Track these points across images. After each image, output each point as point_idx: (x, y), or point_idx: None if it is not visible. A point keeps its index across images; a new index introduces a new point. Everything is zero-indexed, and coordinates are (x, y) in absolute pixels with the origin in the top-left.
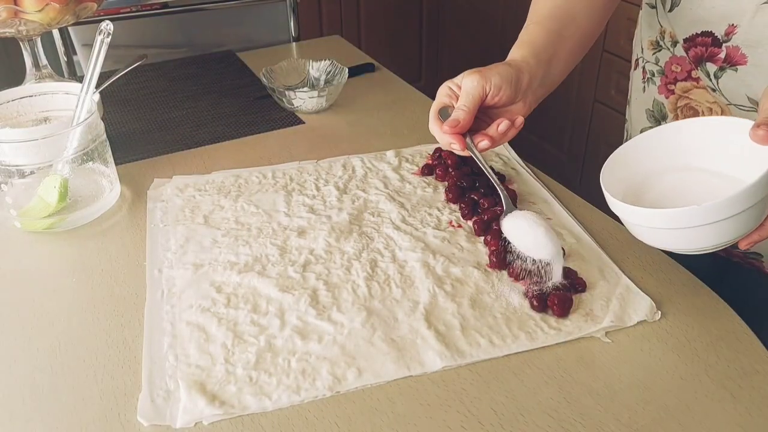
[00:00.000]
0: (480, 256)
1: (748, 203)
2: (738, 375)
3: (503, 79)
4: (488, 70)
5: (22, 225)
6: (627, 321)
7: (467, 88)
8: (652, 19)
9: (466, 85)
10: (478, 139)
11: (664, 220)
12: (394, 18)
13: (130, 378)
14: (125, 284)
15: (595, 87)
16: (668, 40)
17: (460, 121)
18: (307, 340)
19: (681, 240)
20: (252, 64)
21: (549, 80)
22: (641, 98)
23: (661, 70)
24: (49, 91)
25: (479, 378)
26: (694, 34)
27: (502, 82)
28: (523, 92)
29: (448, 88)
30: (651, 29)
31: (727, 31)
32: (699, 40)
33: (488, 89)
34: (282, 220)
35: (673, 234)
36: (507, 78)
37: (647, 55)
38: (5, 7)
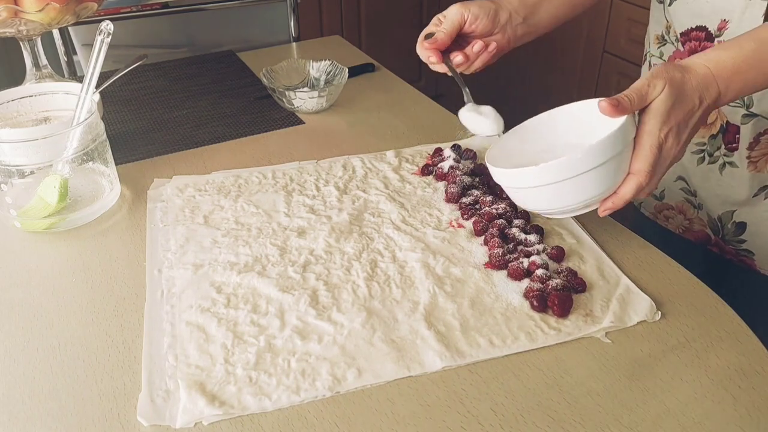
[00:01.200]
0: (480, 256)
1: (592, 163)
2: (738, 375)
3: (481, 10)
4: (471, 2)
5: (22, 225)
6: (627, 321)
7: (449, 15)
8: (659, 13)
9: (449, 13)
10: (454, 55)
11: (526, 178)
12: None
13: (129, 378)
14: (125, 284)
15: (596, 87)
16: (672, 34)
17: (438, 39)
18: (307, 341)
19: (536, 199)
20: (252, 64)
21: (534, 22)
22: None
23: None
24: (49, 91)
25: (479, 378)
26: (690, 28)
27: (480, 12)
28: (501, 26)
29: (437, 18)
30: (658, 24)
31: (720, 26)
32: (693, 35)
33: (466, 17)
34: (282, 220)
35: (533, 192)
36: (485, 10)
37: (653, 49)
38: (5, 7)
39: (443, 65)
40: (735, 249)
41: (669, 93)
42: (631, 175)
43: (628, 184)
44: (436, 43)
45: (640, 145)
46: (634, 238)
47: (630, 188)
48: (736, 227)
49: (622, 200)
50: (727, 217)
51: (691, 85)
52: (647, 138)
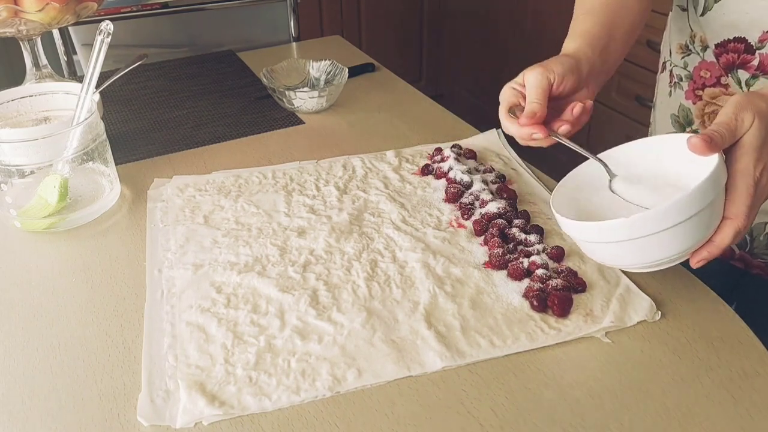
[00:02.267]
0: (480, 256)
1: (683, 215)
2: (739, 376)
3: (565, 69)
4: (549, 62)
5: (22, 225)
6: (627, 321)
7: (533, 82)
8: (683, 22)
9: (531, 80)
10: (557, 125)
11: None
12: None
13: (129, 378)
14: (125, 284)
15: None
16: (698, 44)
17: (536, 112)
18: (307, 341)
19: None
20: (252, 64)
21: (607, 66)
22: (666, 102)
23: (690, 75)
24: (49, 91)
25: (479, 378)
26: (726, 39)
27: (564, 72)
28: (585, 79)
29: (511, 89)
30: (681, 32)
31: (761, 38)
32: (731, 46)
33: (552, 79)
34: (282, 220)
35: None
36: (568, 68)
37: (675, 59)
38: (5, 7)
39: (550, 138)
40: (765, 263)
41: (759, 126)
42: (727, 219)
43: (726, 230)
44: (535, 116)
45: (735, 186)
46: None
47: (728, 235)
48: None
49: (719, 248)
50: (760, 229)
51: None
52: (742, 177)
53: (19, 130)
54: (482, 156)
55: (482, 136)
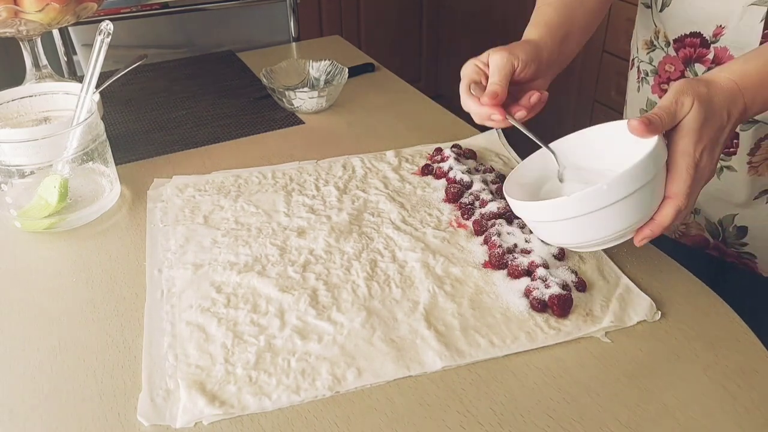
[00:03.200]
0: (480, 256)
1: (623, 192)
2: (737, 375)
3: (529, 56)
4: (514, 47)
5: (22, 225)
6: (627, 321)
7: (497, 64)
8: (647, 18)
9: (496, 62)
10: (515, 110)
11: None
12: (394, 18)
13: (130, 378)
14: (125, 284)
15: (595, 87)
16: (662, 40)
17: (498, 93)
18: (307, 340)
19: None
20: (252, 64)
21: (563, 58)
22: (636, 98)
23: (655, 69)
24: (49, 91)
25: (479, 378)
26: (684, 34)
27: (528, 58)
28: (545, 68)
29: (475, 66)
30: (646, 29)
31: (715, 32)
32: (688, 41)
33: (516, 65)
34: (282, 220)
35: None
36: (532, 55)
37: (641, 54)
38: (5, 7)
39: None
40: (737, 252)
41: (698, 109)
42: (668, 199)
43: (666, 208)
44: (497, 98)
45: (675, 166)
46: None
47: (668, 213)
48: (737, 231)
49: (660, 227)
50: (729, 221)
51: (719, 100)
52: (682, 158)
53: (19, 130)
54: (482, 156)
55: (482, 136)
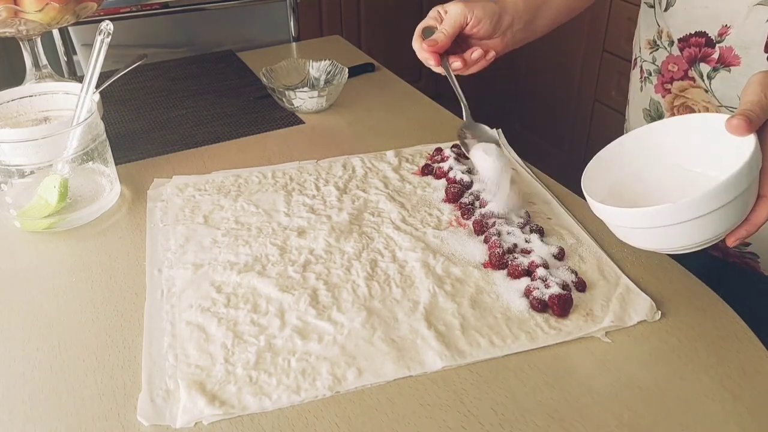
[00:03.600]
0: (480, 255)
1: (724, 200)
2: (738, 375)
3: (485, 13)
4: (474, 2)
5: (22, 225)
6: (627, 321)
7: (451, 14)
8: (650, 18)
9: (450, 11)
10: (453, 59)
11: (641, 220)
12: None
13: (129, 378)
14: (125, 284)
15: (595, 87)
16: (665, 39)
17: (438, 42)
18: (307, 340)
19: (661, 239)
20: (252, 64)
21: (533, 27)
22: (638, 98)
23: (658, 69)
24: (49, 91)
25: (479, 378)
26: (688, 34)
27: (484, 15)
28: (503, 30)
29: (436, 12)
30: (649, 28)
31: (720, 31)
32: (693, 41)
33: (469, 19)
34: (282, 220)
35: (653, 233)
36: (489, 13)
37: (644, 54)
38: (5, 7)
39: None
40: (740, 252)
41: None
42: (764, 198)
43: (762, 208)
44: (435, 45)
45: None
46: None
47: (764, 213)
48: None
49: (755, 227)
50: None
51: None
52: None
53: (19, 130)
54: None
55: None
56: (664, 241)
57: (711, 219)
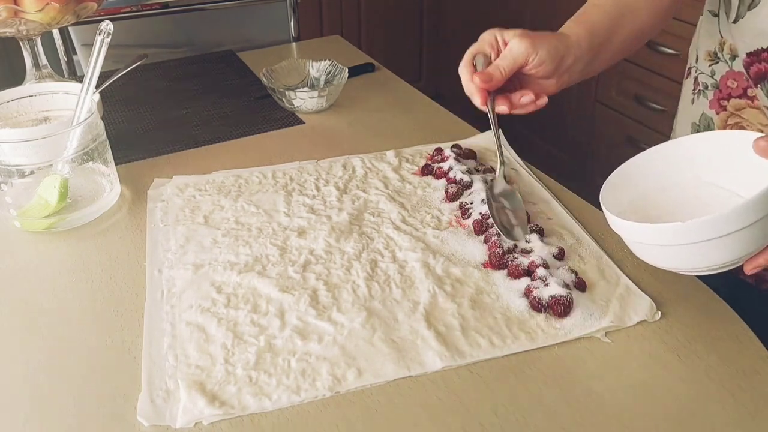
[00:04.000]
0: (480, 256)
1: (744, 222)
2: (739, 375)
3: (550, 55)
4: (540, 39)
5: (22, 225)
6: (627, 321)
7: (513, 51)
8: (713, 27)
9: (513, 48)
10: (499, 101)
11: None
12: (394, 18)
13: (129, 378)
14: (125, 284)
15: (596, 87)
16: (727, 52)
17: (493, 78)
18: (307, 341)
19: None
20: (252, 64)
21: (592, 68)
22: (689, 110)
23: (716, 83)
24: (49, 91)
25: (479, 378)
26: (759, 49)
27: (547, 57)
28: (561, 72)
29: (493, 38)
30: (710, 38)
31: None
32: (764, 56)
33: (532, 60)
34: (282, 220)
35: (666, 251)
36: (554, 55)
37: (702, 65)
38: (5, 7)
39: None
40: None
41: None
42: None
43: None
44: (490, 82)
45: None
46: None
47: None
48: None
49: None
50: None
51: None
52: None
53: (19, 130)
54: (482, 156)
55: (482, 136)
56: (678, 259)
57: (729, 241)
